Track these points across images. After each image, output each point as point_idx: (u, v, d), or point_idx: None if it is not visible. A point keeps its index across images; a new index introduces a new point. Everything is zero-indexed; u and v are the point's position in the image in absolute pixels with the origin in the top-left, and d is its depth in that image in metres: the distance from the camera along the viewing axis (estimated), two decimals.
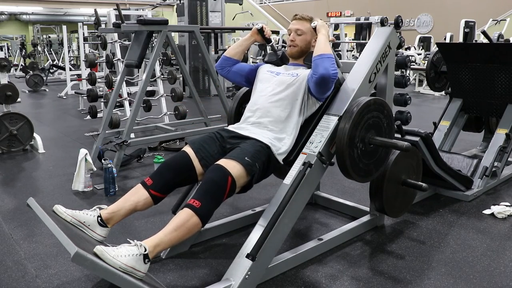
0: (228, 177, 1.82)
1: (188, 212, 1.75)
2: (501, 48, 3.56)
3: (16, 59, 15.65)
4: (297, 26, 2.24)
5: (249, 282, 1.81)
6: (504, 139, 3.27)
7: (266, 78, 2.25)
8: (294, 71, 2.22)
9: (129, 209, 1.93)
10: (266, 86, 2.21)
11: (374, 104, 2.09)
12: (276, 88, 2.16)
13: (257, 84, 2.29)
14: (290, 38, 2.25)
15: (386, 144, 2.09)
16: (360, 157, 2.07)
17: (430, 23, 15.49)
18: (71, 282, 2.00)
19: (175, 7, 11.27)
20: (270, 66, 2.34)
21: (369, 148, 2.11)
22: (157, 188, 1.95)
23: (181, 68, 4.62)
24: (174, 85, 5.02)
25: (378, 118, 2.13)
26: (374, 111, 2.10)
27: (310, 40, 2.25)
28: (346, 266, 2.14)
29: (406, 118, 3.74)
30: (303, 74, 2.16)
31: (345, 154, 1.99)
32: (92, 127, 5.47)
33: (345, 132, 1.97)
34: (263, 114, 2.13)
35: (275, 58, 2.36)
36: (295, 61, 2.29)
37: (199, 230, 1.81)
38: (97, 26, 5.32)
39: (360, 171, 2.10)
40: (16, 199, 3.10)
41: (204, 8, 8.54)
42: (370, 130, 2.09)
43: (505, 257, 2.24)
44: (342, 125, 2.00)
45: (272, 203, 1.96)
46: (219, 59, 2.42)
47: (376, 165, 2.19)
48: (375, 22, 4.98)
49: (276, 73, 2.25)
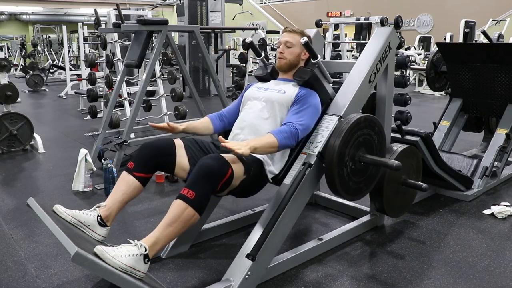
0: (229, 168, 1.79)
1: (181, 204, 1.70)
2: (501, 48, 3.56)
3: (16, 59, 15.64)
4: (287, 38, 2.18)
5: (249, 282, 1.81)
6: (504, 139, 3.27)
7: (254, 94, 2.19)
8: (282, 86, 2.16)
9: (122, 199, 1.92)
10: (254, 103, 2.15)
11: (365, 121, 2.05)
12: (264, 105, 2.11)
13: (246, 100, 2.23)
14: (279, 50, 2.20)
15: (376, 162, 2.05)
16: (350, 176, 2.04)
17: (430, 23, 15.49)
18: (71, 282, 2.00)
19: (175, 7, 11.28)
20: (258, 84, 2.28)
21: (359, 166, 2.07)
22: (139, 169, 1.94)
23: (181, 68, 4.61)
24: (174, 85, 5.01)
25: (369, 135, 2.09)
26: (365, 128, 2.05)
27: (300, 53, 2.19)
28: (346, 266, 2.14)
29: (406, 118, 3.73)
30: (291, 91, 2.10)
31: (334, 173, 1.95)
32: (92, 127, 5.47)
33: (334, 151, 1.93)
34: (252, 132, 2.06)
35: (265, 72, 2.29)
36: (284, 75, 2.23)
37: (196, 220, 1.74)
38: (97, 26, 5.31)
39: (349, 190, 2.07)
40: (16, 199, 3.10)
41: (204, 8, 8.54)
42: (360, 148, 2.05)
43: (505, 257, 2.24)
44: (332, 142, 1.96)
45: (272, 203, 1.96)
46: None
47: (367, 183, 2.15)
48: (375, 22, 4.98)
49: (264, 88, 2.20)
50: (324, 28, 8.97)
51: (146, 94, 5.26)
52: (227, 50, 8.58)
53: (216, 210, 2.54)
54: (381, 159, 2.06)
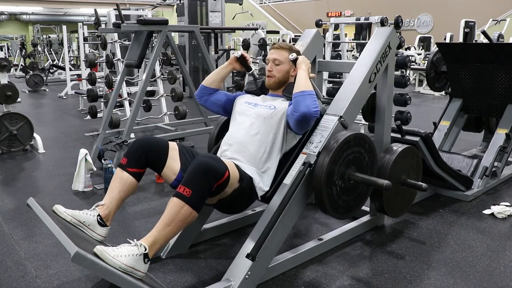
0: (227, 170, 1.78)
1: (177, 203, 1.67)
2: (501, 48, 3.56)
3: (16, 59, 15.64)
4: (275, 56, 2.15)
5: (249, 282, 1.81)
6: (504, 139, 3.27)
7: (243, 110, 2.15)
8: (272, 102, 2.12)
9: (119, 197, 1.91)
10: (243, 119, 2.11)
11: (354, 140, 2.02)
12: (253, 121, 2.07)
13: (235, 115, 2.19)
14: (268, 68, 2.16)
15: (365, 181, 2.02)
16: (339, 195, 2.01)
17: (430, 23, 15.49)
18: (71, 282, 2.00)
19: (175, 7, 11.27)
20: (248, 97, 2.24)
21: (349, 184, 2.05)
22: (132, 165, 1.94)
23: (181, 68, 4.62)
24: (174, 85, 5.02)
25: (359, 153, 2.06)
26: (355, 146, 2.02)
27: (289, 70, 2.16)
28: (346, 266, 2.14)
29: (406, 118, 3.74)
30: (281, 107, 2.07)
31: (323, 193, 1.93)
32: (92, 127, 5.47)
33: (323, 170, 1.91)
34: (239, 149, 2.02)
35: (255, 87, 2.28)
36: (273, 91, 2.21)
37: (194, 218, 1.71)
38: (97, 26, 5.31)
39: (339, 209, 2.04)
40: (16, 199, 3.10)
41: (204, 8, 8.54)
42: (350, 166, 2.03)
43: (505, 257, 2.24)
44: (321, 161, 1.93)
45: (272, 203, 1.96)
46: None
47: (357, 201, 2.13)
48: (375, 22, 4.98)
49: (253, 104, 2.15)
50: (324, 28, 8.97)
51: (146, 94, 5.26)
52: (227, 50, 8.57)
53: (216, 210, 2.54)
54: (371, 178, 2.03)
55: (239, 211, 2.12)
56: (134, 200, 3.00)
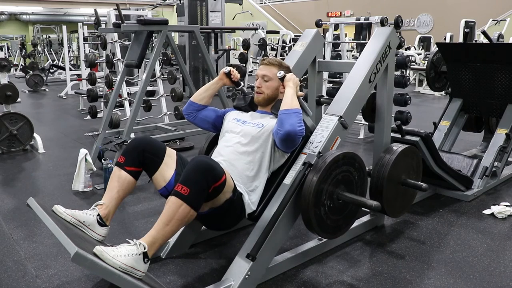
0: (224, 173, 1.76)
1: (176, 201, 1.65)
2: (501, 48, 3.56)
3: (16, 59, 15.65)
4: (264, 72, 2.12)
5: (249, 282, 1.81)
6: (504, 139, 3.27)
7: (231, 127, 2.12)
8: (260, 120, 2.08)
9: (118, 196, 1.91)
10: (231, 136, 2.08)
11: (344, 159, 1.98)
12: (241, 140, 2.03)
13: (223, 132, 2.16)
14: (257, 84, 2.14)
15: (354, 202, 1.99)
16: (327, 214, 1.97)
17: (430, 23, 15.49)
18: (71, 282, 2.00)
19: (175, 7, 11.28)
20: (237, 113, 2.21)
21: (338, 204, 2.01)
22: (130, 163, 1.93)
23: (181, 68, 4.62)
24: (174, 85, 5.02)
25: (349, 172, 2.02)
26: (344, 165, 1.99)
27: (278, 87, 2.12)
28: (346, 266, 2.14)
29: (406, 118, 3.74)
30: (269, 125, 2.03)
31: (311, 213, 1.89)
32: (92, 127, 5.47)
33: (311, 191, 1.87)
34: (227, 167, 1.95)
35: (243, 103, 2.25)
36: (262, 108, 2.17)
37: (193, 216, 1.70)
38: (97, 26, 5.32)
39: (327, 228, 2.00)
40: (16, 199, 3.10)
41: (204, 8, 8.54)
42: (339, 186, 1.99)
43: (505, 257, 2.24)
44: (309, 179, 1.90)
45: (272, 203, 1.96)
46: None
47: (346, 220, 2.09)
48: (375, 22, 4.97)
49: (242, 121, 2.12)
50: (324, 28, 8.97)
51: (146, 94, 5.27)
52: (227, 50, 8.58)
53: None
54: (360, 198, 1.99)
55: (227, 228, 2.07)
56: (134, 200, 3.00)
